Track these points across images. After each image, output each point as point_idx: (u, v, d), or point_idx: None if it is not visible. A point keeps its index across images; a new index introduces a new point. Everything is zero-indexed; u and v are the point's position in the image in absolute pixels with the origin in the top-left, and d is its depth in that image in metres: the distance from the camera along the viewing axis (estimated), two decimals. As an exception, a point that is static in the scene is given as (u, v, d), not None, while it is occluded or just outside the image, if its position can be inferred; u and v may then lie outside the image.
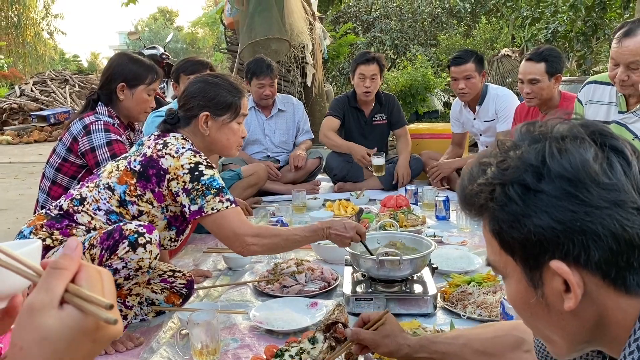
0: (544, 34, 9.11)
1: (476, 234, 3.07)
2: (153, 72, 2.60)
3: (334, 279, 2.38)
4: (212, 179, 1.90)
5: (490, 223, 0.75)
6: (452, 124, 4.31)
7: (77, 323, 0.57)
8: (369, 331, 1.44)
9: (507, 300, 0.75)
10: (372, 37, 12.28)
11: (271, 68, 4.10)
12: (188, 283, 2.22)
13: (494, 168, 0.74)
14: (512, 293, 0.78)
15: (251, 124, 4.27)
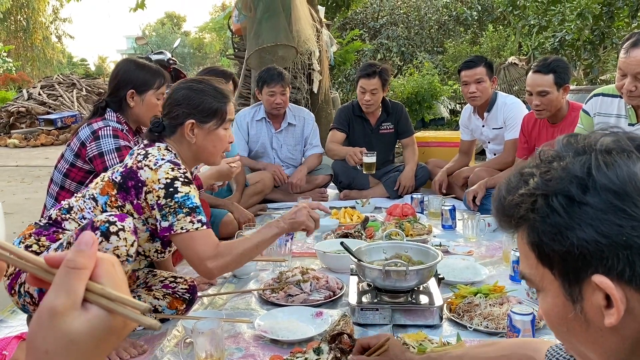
0: (551, 43, 9.10)
1: (482, 244, 3.05)
2: (161, 76, 2.61)
3: (339, 288, 2.37)
4: (186, 197, 1.86)
5: (529, 235, 0.74)
6: (462, 131, 4.30)
7: (105, 324, 0.56)
8: (372, 357, 1.42)
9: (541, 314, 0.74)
10: (378, 43, 12.30)
11: (282, 76, 4.04)
12: (190, 288, 2.21)
13: (537, 178, 0.73)
14: (548, 307, 0.76)
15: (261, 135, 4.25)
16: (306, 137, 4.35)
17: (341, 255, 2.60)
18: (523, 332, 1.77)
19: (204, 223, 1.89)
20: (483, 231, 3.17)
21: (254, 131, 4.23)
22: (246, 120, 4.22)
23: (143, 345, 1.93)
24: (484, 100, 3.87)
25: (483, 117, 3.97)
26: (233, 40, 6.38)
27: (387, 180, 4.33)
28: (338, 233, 3.04)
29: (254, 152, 4.30)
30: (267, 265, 2.74)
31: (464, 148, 4.32)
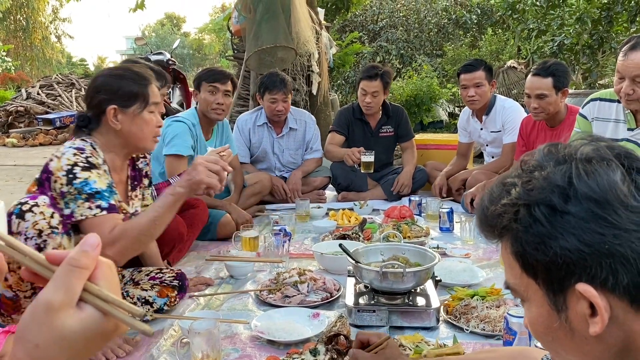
0: (550, 47, 9.12)
1: (480, 246, 3.05)
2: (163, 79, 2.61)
3: (336, 289, 2.37)
4: (85, 182, 1.85)
5: (512, 245, 0.74)
6: (460, 133, 4.31)
7: (97, 325, 0.57)
8: (368, 354, 1.43)
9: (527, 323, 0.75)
10: (378, 46, 12.31)
11: (285, 83, 4.00)
12: (178, 275, 2.22)
13: (519, 188, 0.73)
14: (533, 317, 0.77)
15: (262, 140, 4.24)
16: (308, 141, 4.33)
17: (338, 256, 2.60)
18: (520, 334, 1.77)
19: (104, 208, 1.86)
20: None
21: (255, 137, 4.22)
22: (248, 126, 4.20)
23: (135, 337, 1.93)
24: (482, 104, 3.87)
25: (482, 120, 3.98)
26: (232, 41, 6.38)
27: (385, 183, 4.34)
28: (335, 235, 3.05)
29: (255, 157, 4.29)
30: (264, 266, 2.74)
31: (461, 151, 4.32)
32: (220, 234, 3.25)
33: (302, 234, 3.40)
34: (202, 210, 3.04)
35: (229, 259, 2.73)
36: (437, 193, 4.07)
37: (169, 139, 3.28)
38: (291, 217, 3.37)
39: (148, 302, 2.13)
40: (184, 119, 3.36)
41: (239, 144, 4.20)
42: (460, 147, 4.32)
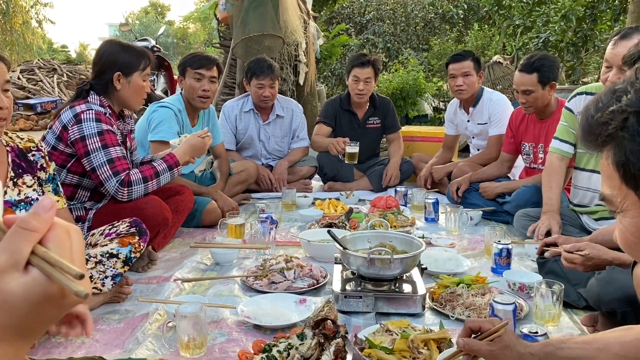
0: (535, 43, 9.20)
1: (464, 237, 3.08)
2: (146, 57, 2.58)
3: (322, 276, 2.37)
4: None
5: (615, 154, 0.73)
6: (447, 125, 4.33)
7: (42, 289, 0.55)
8: (484, 342, 1.30)
9: (616, 235, 0.84)
10: (364, 39, 12.30)
11: (272, 69, 3.99)
12: (132, 222, 2.21)
13: (631, 95, 0.71)
14: (626, 228, 0.77)
15: (249, 126, 4.22)
16: (294, 130, 4.32)
17: (325, 244, 2.60)
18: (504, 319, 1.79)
19: None
20: (465, 224, 3.20)
21: (242, 124, 4.20)
22: (234, 112, 4.18)
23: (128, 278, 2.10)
24: (470, 94, 3.89)
25: (469, 112, 4.00)
26: (219, 29, 6.32)
27: (371, 174, 4.34)
28: (322, 223, 3.04)
29: (240, 144, 4.27)
30: (250, 253, 2.72)
31: (447, 143, 4.35)
32: (206, 221, 3.23)
33: (288, 222, 3.39)
34: (188, 197, 3.01)
35: (214, 245, 2.72)
36: (422, 184, 4.09)
37: (155, 125, 3.24)
38: (277, 205, 3.36)
39: (113, 255, 2.11)
40: (169, 104, 3.33)
41: (225, 130, 4.17)
42: (447, 140, 4.34)
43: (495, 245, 2.48)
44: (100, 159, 2.39)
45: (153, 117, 3.27)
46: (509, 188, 3.36)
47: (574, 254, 1.87)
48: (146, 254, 2.57)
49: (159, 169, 2.49)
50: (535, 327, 1.66)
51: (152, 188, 2.50)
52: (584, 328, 1.93)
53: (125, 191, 2.39)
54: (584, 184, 2.70)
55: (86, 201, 2.51)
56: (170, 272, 2.48)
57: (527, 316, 2.01)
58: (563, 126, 2.82)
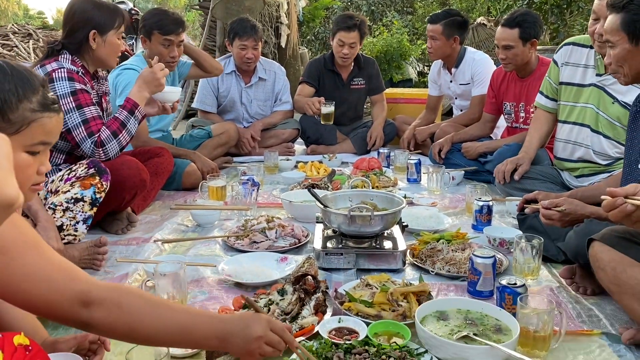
0: (519, 5, 9.10)
1: (446, 196, 3.08)
2: (120, 14, 2.47)
3: (304, 235, 2.36)
4: None
5: None
6: (430, 86, 4.30)
7: None
8: (552, 211, 1.88)
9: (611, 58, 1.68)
10: (348, 1, 12.09)
11: (255, 29, 3.89)
12: (89, 163, 2.20)
13: None
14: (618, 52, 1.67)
15: (230, 89, 4.14)
16: (277, 93, 4.25)
17: (307, 204, 2.59)
18: (484, 274, 1.81)
19: None
20: (447, 184, 3.20)
21: (224, 86, 4.12)
22: None
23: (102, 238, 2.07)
24: (437, 57, 3.96)
25: (451, 72, 3.97)
26: (198, -10, 6.15)
27: (354, 136, 4.32)
28: (304, 185, 3.03)
29: (222, 107, 4.20)
30: (232, 214, 2.71)
31: (431, 104, 4.32)
32: (186, 184, 3.19)
33: (270, 185, 3.37)
34: (167, 159, 2.97)
35: (195, 207, 2.69)
36: (405, 146, 4.08)
37: (122, 89, 3.14)
38: (259, 168, 3.33)
39: (78, 199, 2.10)
40: (133, 66, 3.21)
41: (207, 92, 4.10)
42: (430, 100, 4.32)
43: (475, 202, 2.48)
44: (75, 119, 2.32)
45: (118, 81, 3.16)
46: (491, 147, 3.36)
47: (552, 210, 1.88)
48: (125, 216, 2.53)
49: (122, 118, 2.41)
50: (513, 279, 1.67)
51: (125, 140, 2.41)
52: (562, 281, 1.95)
53: (101, 151, 2.34)
54: (564, 136, 2.71)
55: (61, 163, 2.45)
56: (150, 233, 2.46)
57: (506, 270, 2.03)
58: (547, 80, 2.81)
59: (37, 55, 10.82)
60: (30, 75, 1.12)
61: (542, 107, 2.85)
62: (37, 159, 1.11)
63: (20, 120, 1.07)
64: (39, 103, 1.10)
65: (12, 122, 1.06)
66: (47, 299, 1.04)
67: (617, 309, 1.72)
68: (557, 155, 2.80)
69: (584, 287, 1.86)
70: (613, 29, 1.72)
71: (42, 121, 1.10)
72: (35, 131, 1.09)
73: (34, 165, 1.11)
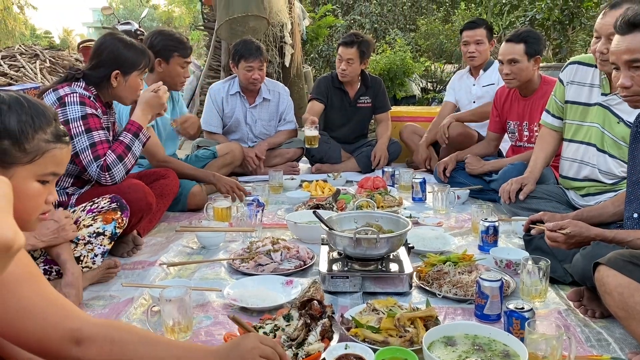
0: (521, 22, 9.15)
1: (452, 215, 3.08)
2: (147, 57, 2.52)
3: (309, 257, 2.36)
4: None
5: None
6: (447, 93, 4.37)
7: None
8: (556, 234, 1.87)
9: None
10: (351, 19, 12.18)
11: (260, 50, 3.94)
12: (112, 198, 2.22)
13: None
14: None
15: (235, 109, 4.16)
16: (281, 113, 4.27)
17: (312, 225, 2.59)
18: (491, 298, 1.79)
19: None
20: (452, 203, 3.19)
21: (228, 107, 4.15)
22: (221, 95, 4.13)
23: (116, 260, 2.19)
24: (481, 61, 3.99)
25: (477, 75, 4.04)
26: (203, 10, 6.22)
27: (359, 155, 4.33)
28: (309, 205, 3.02)
29: (227, 128, 4.22)
30: (237, 236, 2.70)
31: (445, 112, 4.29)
32: (191, 205, 3.20)
33: (275, 205, 3.37)
34: (173, 181, 2.98)
35: (200, 229, 2.69)
36: (423, 166, 4.13)
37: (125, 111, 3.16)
38: (264, 188, 3.34)
39: (99, 233, 2.13)
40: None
41: (212, 113, 4.13)
42: (445, 108, 4.31)
43: (482, 222, 2.48)
44: (83, 143, 2.34)
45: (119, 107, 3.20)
46: (496, 167, 3.36)
47: (557, 233, 1.87)
48: (131, 238, 2.54)
49: (126, 142, 2.44)
50: (521, 303, 1.66)
51: (130, 163, 2.44)
52: (570, 303, 1.94)
53: (107, 175, 2.35)
54: (570, 155, 2.70)
55: (68, 187, 2.46)
56: (156, 256, 2.45)
57: (514, 292, 2.01)
58: (553, 99, 2.81)
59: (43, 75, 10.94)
60: (45, 108, 1.20)
61: (548, 125, 2.85)
62: (46, 188, 1.18)
63: (35, 150, 1.14)
64: (53, 134, 1.18)
65: (28, 151, 1.13)
66: (39, 335, 1.03)
67: (626, 332, 1.70)
68: (563, 173, 2.79)
69: (592, 309, 1.84)
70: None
71: (54, 152, 1.17)
72: (47, 161, 1.16)
73: (43, 194, 1.17)
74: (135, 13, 33.22)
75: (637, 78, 1.70)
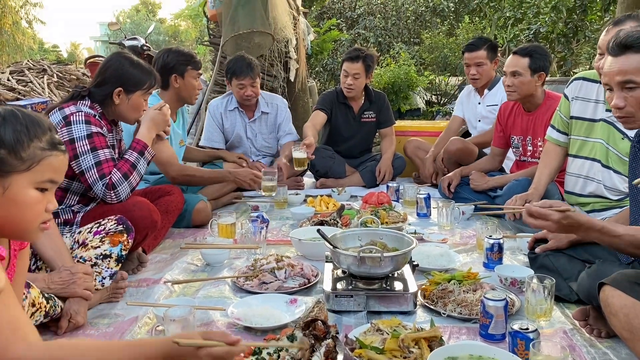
0: (525, 35, 9.20)
1: (456, 232, 3.07)
2: (152, 77, 2.53)
3: (314, 275, 2.36)
4: None
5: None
6: (456, 107, 4.39)
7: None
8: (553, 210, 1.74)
9: None
10: (356, 34, 12.27)
11: (252, 67, 3.93)
12: (118, 220, 2.22)
13: None
14: None
15: (235, 125, 4.19)
16: (279, 124, 4.28)
17: (316, 242, 2.59)
18: (496, 317, 1.78)
19: None
20: (457, 219, 3.19)
21: (228, 122, 4.18)
22: (219, 111, 4.16)
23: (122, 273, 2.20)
24: (484, 82, 3.99)
25: (482, 93, 4.05)
26: (208, 26, 6.27)
27: (364, 170, 4.33)
28: (314, 221, 3.03)
29: (229, 143, 4.24)
30: (241, 253, 2.70)
31: (453, 126, 4.34)
32: (196, 221, 3.21)
33: (279, 220, 3.37)
34: (178, 197, 2.99)
35: (204, 246, 2.70)
36: (430, 181, 4.13)
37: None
38: (268, 204, 3.34)
39: (106, 256, 2.13)
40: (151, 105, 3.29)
41: (212, 129, 4.16)
42: (454, 122, 4.34)
43: (486, 240, 2.47)
44: (88, 162, 2.36)
45: None
46: (500, 182, 3.35)
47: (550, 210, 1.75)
48: (136, 256, 2.54)
49: (132, 160, 2.46)
50: (526, 324, 1.65)
51: (135, 182, 2.46)
52: (576, 322, 1.92)
53: (112, 193, 2.37)
54: (576, 170, 2.70)
55: (74, 205, 2.48)
56: (161, 273, 2.46)
57: (518, 311, 2.00)
58: (558, 114, 2.82)
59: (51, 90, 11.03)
60: (39, 118, 1.26)
61: (553, 140, 2.85)
62: (45, 196, 1.25)
63: (32, 157, 1.20)
64: (48, 142, 1.24)
65: (24, 159, 1.19)
66: None
67: (632, 353, 1.68)
68: (568, 189, 2.78)
69: (598, 329, 1.83)
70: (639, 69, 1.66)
71: (51, 159, 1.23)
72: (44, 169, 1.22)
73: (43, 202, 1.24)
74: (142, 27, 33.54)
75: (630, 99, 1.71)
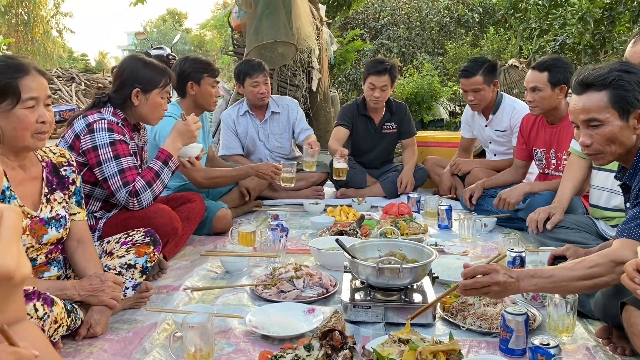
0: (552, 46, 9.09)
1: (478, 244, 3.03)
2: (166, 75, 2.58)
3: (332, 285, 2.35)
4: None
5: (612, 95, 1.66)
6: (463, 127, 4.31)
7: None
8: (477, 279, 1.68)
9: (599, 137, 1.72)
10: (379, 44, 12.29)
11: (262, 66, 4.05)
12: (147, 232, 2.24)
13: None
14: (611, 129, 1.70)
15: (247, 129, 4.23)
16: (293, 123, 4.30)
17: (335, 252, 2.58)
18: (516, 332, 1.76)
19: None
20: (479, 231, 3.15)
21: (241, 127, 4.22)
22: (232, 118, 4.22)
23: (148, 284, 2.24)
24: (482, 106, 3.90)
25: (488, 117, 3.97)
26: (233, 37, 6.35)
27: (384, 180, 4.31)
28: (333, 230, 3.02)
29: (245, 149, 4.28)
30: (260, 261, 2.71)
31: (463, 145, 4.31)
32: (217, 228, 3.23)
33: (299, 229, 3.38)
34: (199, 205, 3.02)
35: (224, 254, 2.72)
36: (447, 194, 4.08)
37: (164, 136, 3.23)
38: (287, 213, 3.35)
39: (131, 266, 2.14)
40: (170, 114, 3.32)
41: (228, 136, 4.21)
42: (463, 142, 4.32)
43: (508, 253, 2.43)
44: (112, 169, 2.40)
45: (158, 129, 3.27)
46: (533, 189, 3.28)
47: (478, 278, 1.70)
48: (157, 262, 2.57)
49: (156, 169, 2.50)
50: (547, 339, 1.62)
51: (158, 190, 2.50)
52: (599, 340, 1.88)
53: (135, 201, 2.41)
54: (600, 183, 2.66)
55: (97, 211, 2.52)
56: (180, 280, 2.48)
57: (540, 326, 1.97)
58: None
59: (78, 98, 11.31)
60: None
61: (577, 153, 2.80)
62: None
63: None
64: None
65: None
66: None
67: (658, 372, 1.64)
68: (593, 202, 2.73)
69: (622, 347, 1.78)
70: (600, 107, 1.70)
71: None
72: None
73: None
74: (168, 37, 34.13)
75: (595, 136, 1.74)
